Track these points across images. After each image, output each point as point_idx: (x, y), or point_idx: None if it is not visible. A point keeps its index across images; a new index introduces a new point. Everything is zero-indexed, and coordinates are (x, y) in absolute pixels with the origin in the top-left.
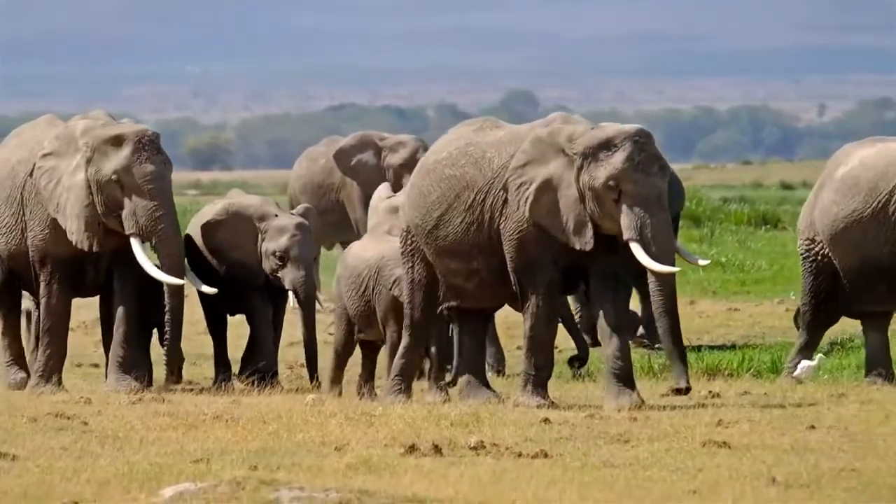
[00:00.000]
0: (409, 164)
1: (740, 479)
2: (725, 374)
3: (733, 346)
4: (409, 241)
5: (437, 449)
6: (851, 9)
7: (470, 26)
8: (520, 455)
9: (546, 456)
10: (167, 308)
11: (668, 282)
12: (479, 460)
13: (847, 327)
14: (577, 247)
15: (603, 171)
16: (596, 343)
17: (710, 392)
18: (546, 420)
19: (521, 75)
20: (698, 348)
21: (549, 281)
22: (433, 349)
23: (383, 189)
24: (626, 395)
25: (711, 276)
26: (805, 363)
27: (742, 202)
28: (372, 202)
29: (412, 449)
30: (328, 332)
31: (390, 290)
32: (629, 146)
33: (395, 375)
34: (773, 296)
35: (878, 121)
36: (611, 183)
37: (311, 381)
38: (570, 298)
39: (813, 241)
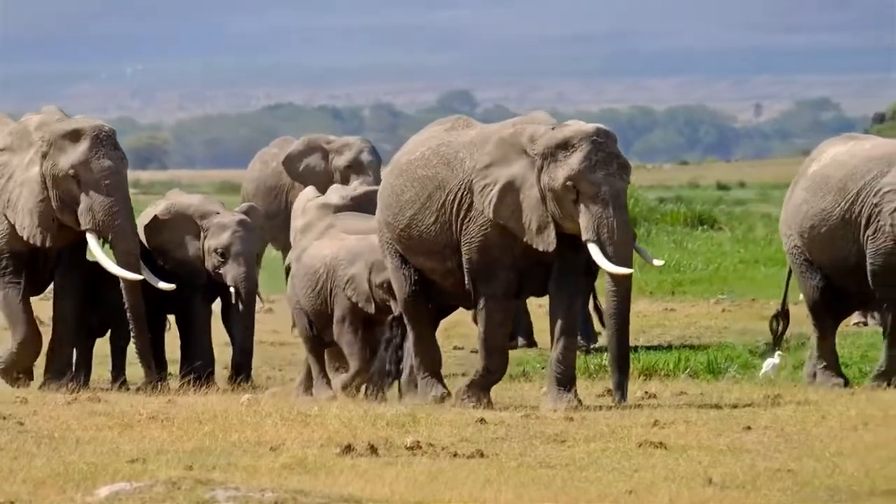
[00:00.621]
0: (353, 166)
1: (676, 479)
2: (661, 374)
3: (669, 347)
4: (385, 239)
5: (372, 449)
6: (789, 9)
7: (407, 26)
8: (456, 455)
9: (482, 456)
10: (127, 305)
11: (623, 283)
12: (415, 460)
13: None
14: (541, 248)
15: (561, 172)
16: (531, 344)
17: (646, 392)
18: (482, 420)
19: (459, 75)
20: (635, 349)
21: (506, 284)
22: (380, 351)
23: (310, 191)
24: (564, 399)
25: (647, 276)
26: (770, 361)
27: (678, 202)
28: (298, 204)
29: (348, 449)
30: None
31: (344, 290)
32: (587, 146)
33: (422, 372)
34: (709, 296)
35: (815, 121)
36: (569, 183)
37: (239, 379)
38: None
39: (789, 236)
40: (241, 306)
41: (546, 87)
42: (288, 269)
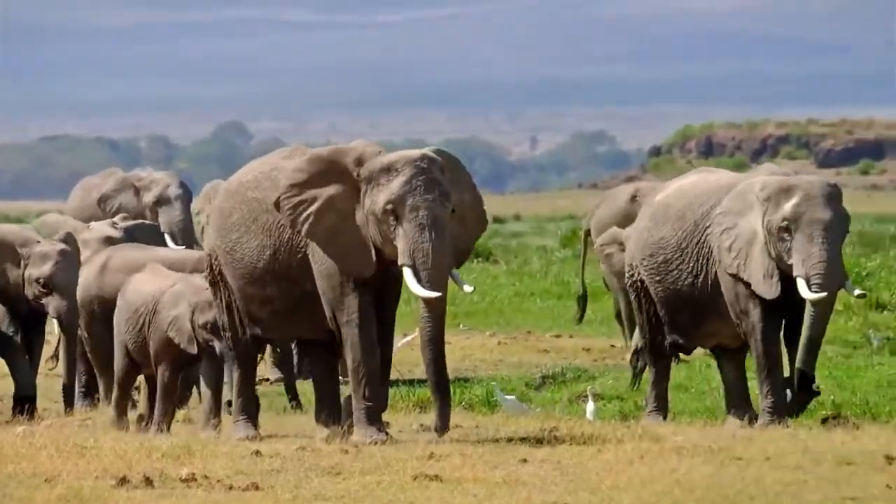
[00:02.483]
0: (160, 201)
1: None
2: None
3: None
4: (213, 267)
5: (148, 481)
6: (566, 42)
7: (182, 57)
8: (231, 487)
9: (257, 488)
10: None
11: (436, 308)
12: (190, 493)
13: (559, 361)
14: (363, 274)
15: (382, 196)
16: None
17: (421, 425)
18: (257, 452)
19: (234, 107)
20: (410, 382)
21: (359, 307)
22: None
23: (77, 224)
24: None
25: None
26: (590, 406)
27: None
28: (72, 233)
29: (123, 481)
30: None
31: (166, 331)
32: (409, 171)
33: (239, 412)
34: (484, 329)
35: (591, 153)
36: (388, 206)
37: (67, 409)
38: None
39: (633, 266)
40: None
41: (320, 119)
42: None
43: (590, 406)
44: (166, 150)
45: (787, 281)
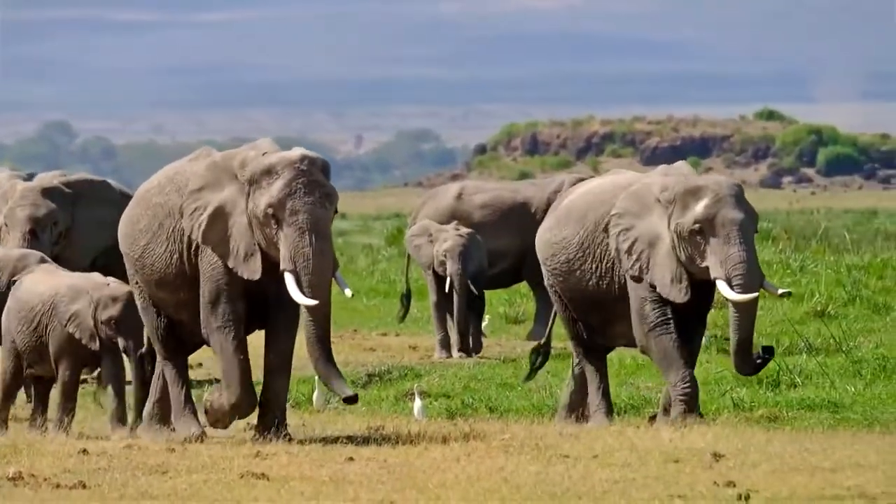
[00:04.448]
0: None
1: None
2: None
3: None
4: (130, 272)
5: None
6: (391, 41)
7: (6, 57)
8: (58, 486)
9: (84, 487)
10: None
11: (318, 314)
12: (17, 492)
13: (385, 359)
14: (246, 276)
15: (264, 199)
16: None
17: (248, 424)
18: (84, 451)
19: (58, 106)
20: None
21: (231, 313)
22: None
23: None
24: (281, 433)
25: None
26: (417, 404)
27: None
28: None
29: None
30: None
31: (65, 326)
32: (289, 173)
33: (152, 411)
34: None
35: (415, 151)
36: (269, 210)
37: None
38: None
39: (545, 266)
40: None
41: (145, 119)
42: None
43: (417, 404)
44: None
45: (695, 285)
